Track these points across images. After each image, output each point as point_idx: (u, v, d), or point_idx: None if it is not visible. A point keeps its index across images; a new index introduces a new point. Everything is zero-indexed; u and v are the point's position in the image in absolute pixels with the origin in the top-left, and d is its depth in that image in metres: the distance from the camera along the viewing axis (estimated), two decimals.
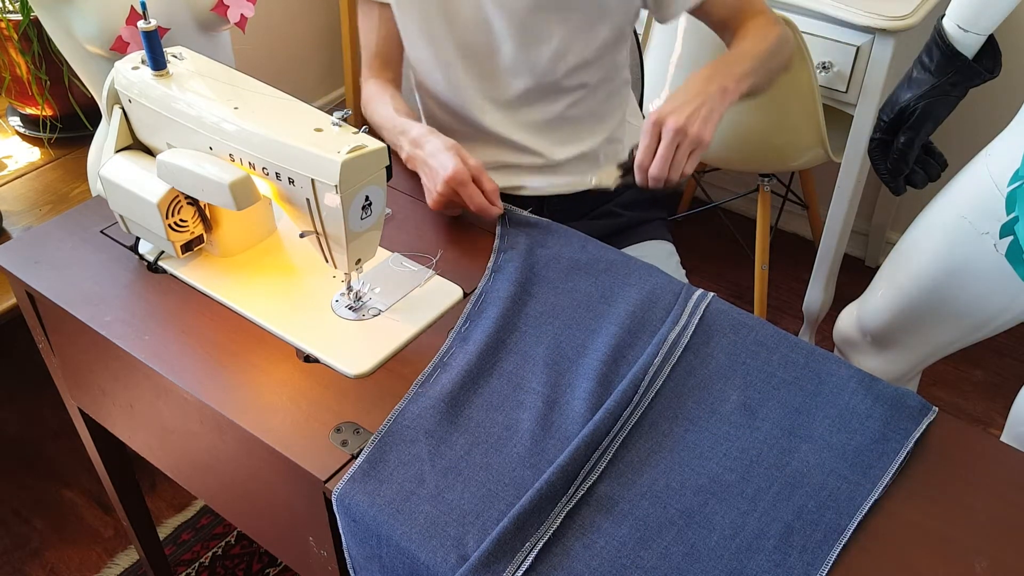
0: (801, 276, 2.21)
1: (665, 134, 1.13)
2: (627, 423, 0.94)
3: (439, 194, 1.16)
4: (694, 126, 1.12)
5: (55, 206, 1.84)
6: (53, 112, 1.94)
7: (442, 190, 1.16)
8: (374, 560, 0.89)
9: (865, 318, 1.38)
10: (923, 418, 0.94)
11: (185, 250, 1.11)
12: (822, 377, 0.99)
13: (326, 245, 1.02)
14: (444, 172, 1.15)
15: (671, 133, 1.12)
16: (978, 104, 1.71)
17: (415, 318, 1.06)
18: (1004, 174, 1.14)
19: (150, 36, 1.02)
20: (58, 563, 1.74)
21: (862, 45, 1.65)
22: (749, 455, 0.91)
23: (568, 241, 1.17)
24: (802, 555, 0.83)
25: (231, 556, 1.75)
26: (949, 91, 1.19)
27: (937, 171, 1.26)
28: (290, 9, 2.55)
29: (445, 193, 1.16)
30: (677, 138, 1.12)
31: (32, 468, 1.92)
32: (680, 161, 1.14)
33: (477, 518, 0.85)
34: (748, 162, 1.91)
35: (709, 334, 1.04)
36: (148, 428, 1.16)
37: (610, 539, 0.84)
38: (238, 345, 1.04)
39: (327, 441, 0.93)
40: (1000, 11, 1.14)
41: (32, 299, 1.17)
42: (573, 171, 1.40)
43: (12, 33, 1.78)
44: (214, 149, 1.01)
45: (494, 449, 0.92)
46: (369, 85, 1.38)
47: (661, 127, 1.13)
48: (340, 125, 0.96)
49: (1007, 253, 1.14)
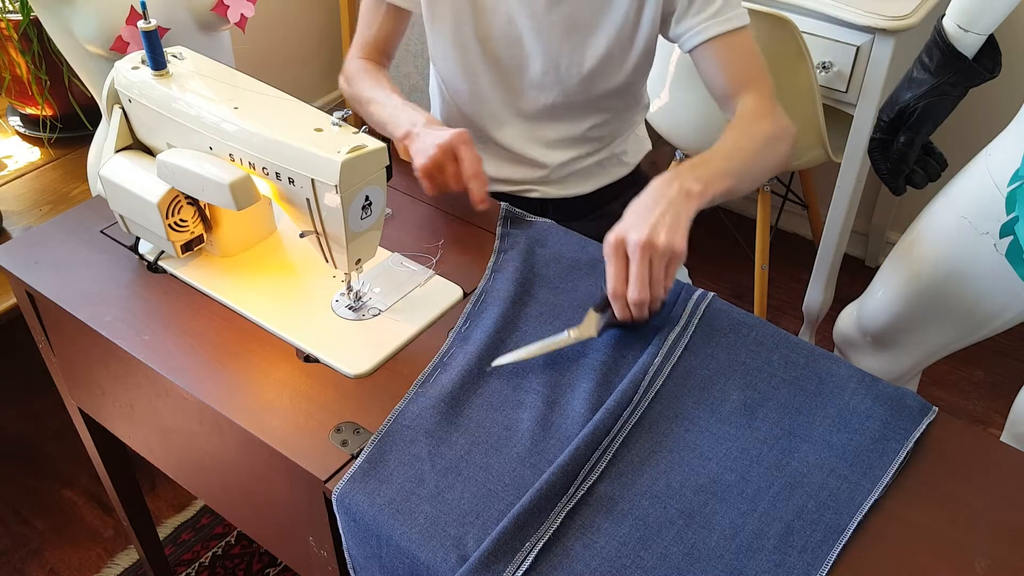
0: (801, 276, 2.21)
1: (632, 253, 0.98)
2: (627, 423, 0.94)
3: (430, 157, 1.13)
4: (661, 236, 0.97)
5: (55, 206, 1.84)
6: (53, 112, 1.94)
7: (433, 153, 1.12)
8: (374, 560, 0.89)
9: (865, 318, 1.38)
10: (923, 418, 0.94)
11: (185, 250, 1.11)
12: (822, 377, 0.99)
13: (326, 245, 1.02)
14: (445, 137, 1.13)
15: (638, 251, 0.97)
16: (978, 104, 1.71)
17: (415, 318, 1.06)
18: (1004, 174, 1.14)
19: (150, 36, 1.02)
20: (58, 563, 1.74)
21: (862, 45, 1.65)
22: (749, 455, 0.91)
23: (568, 241, 1.17)
24: (802, 555, 0.83)
25: (231, 556, 1.75)
26: (949, 91, 1.19)
27: (937, 171, 1.26)
28: (290, 9, 2.55)
29: (436, 157, 1.12)
30: (647, 254, 0.97)
31: (32, 468, 1.92)
32: (659, 278, 0.99)
33: (477, 518, 0.85)
34: None
35: (709, 334, 1.04)
36: (148, 428, 1.16)
37: (610, 539, 0.84)
38: (238, 345, 1.04)
39: (327, 441, 0.93)
40: (1000, 11, 1.14)
41: (32, 299, 1.17)
42: (574, 181, 1.41)
43: (12, 33, 1.78)
44: (214, 149, 1.01)
45: (494, 449, 0.92)
46: (358, 62, 1.35)
47: (625, 247, 0.99)
48: (340, 125, 0.96)
49: (1007, 253, 1.14)
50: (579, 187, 1.42)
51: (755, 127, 1.17)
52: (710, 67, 1.24)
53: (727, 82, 1.23)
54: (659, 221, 0.99)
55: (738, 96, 1.22)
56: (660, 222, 0.99)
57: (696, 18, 1.22)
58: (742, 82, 1.23)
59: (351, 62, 1.37)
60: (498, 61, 1.29)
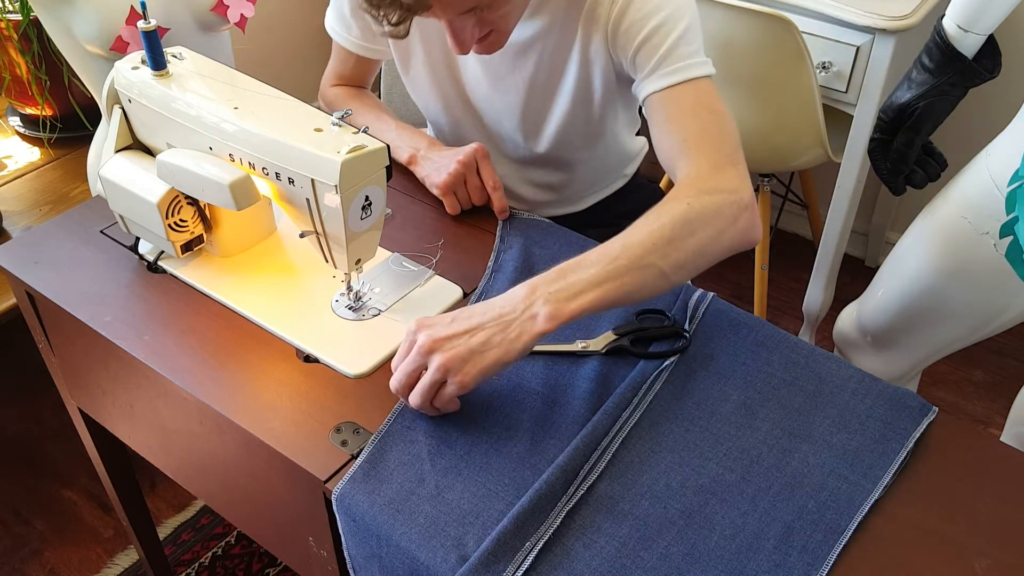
0: (801, 276, 2.21)
1: (413, 347, 0.88)
2: (627, 423, 0.94)
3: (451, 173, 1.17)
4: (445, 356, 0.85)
5: (55, 206, 1.84)
6: (53, 112, 1.94)
7: (455, 169, 1.17)
8: (374, 560, 0.89)
9: (865, 318, 1.38)
10: (923, 418, 0.94)
11: (185, 250, 1.11)
12: (822, 377, 0.99)
13: (326, 245, 1.02)
14: (464, 151, 1.17)
15: (417, 351, 0.87)
16: (978, 104, 1.71)
17: (415, 318, 1.06)
18: (1004, 174, 1.14)
19: (150, 36, 1.02)
20: (58, 563, 1.74)
21: (862, 45, 1.65)
22: (749, 455, 0.91)
23: (567, 241, 1.17)
24: (802, 555, 0.83)
25: (231, 556, 1.75)
26: (949, 91, 1.19)
27: (937, 171, 1.26)
28: (290, 9, 2.55)
29: (457, 171, 1.17)
30: (421, 360, 0.87)
31: (32, 468, 1.92)
32: (442, 396, 0.88)
33: (477, 518, 0.85)
34: (748, 162, 1.89)
35: (709, 334, 1.04)
36: (148, 428, 1.16)
37: (610, 539, 0.84)
38: (238, 345, 1.04)
39: (327, 441, 0.93)
40: (1000, 11, 1.14)
41: (32, 299, 1.17)
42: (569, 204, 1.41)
43: (12, 33, 1.78)
44: (214, 149, 1.01)
45: (494, 449, 0.92)
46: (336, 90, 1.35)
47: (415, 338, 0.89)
48: (340, 125, 0.96)
49: (1007, 253, 1.14)
50: (575, 206, 1.42)
51: (669, 210, 0.95)
52: (652, 130, 1.08)
53: (663, 147, 1.06)
54: (462, 340, 0.86)
55: (677, 164, 1.03)
56: (462, 342, 0.86)
57: (640, 76, 1.08)
58: (679, 147, 1.03)
59: (329, 90, 1.36)
60: (476, 113, 1.28)
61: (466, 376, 0.86)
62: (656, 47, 1.05)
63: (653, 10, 1.05)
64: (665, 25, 1.05)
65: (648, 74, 1.07)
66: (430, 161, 1.22)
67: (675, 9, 1.05)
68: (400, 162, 1.25)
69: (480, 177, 1.19)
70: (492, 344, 0.86)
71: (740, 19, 1.61)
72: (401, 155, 1.25)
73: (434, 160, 1.21)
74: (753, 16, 1.60)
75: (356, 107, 1.31)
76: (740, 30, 1.63)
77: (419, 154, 1.23)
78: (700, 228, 0.94)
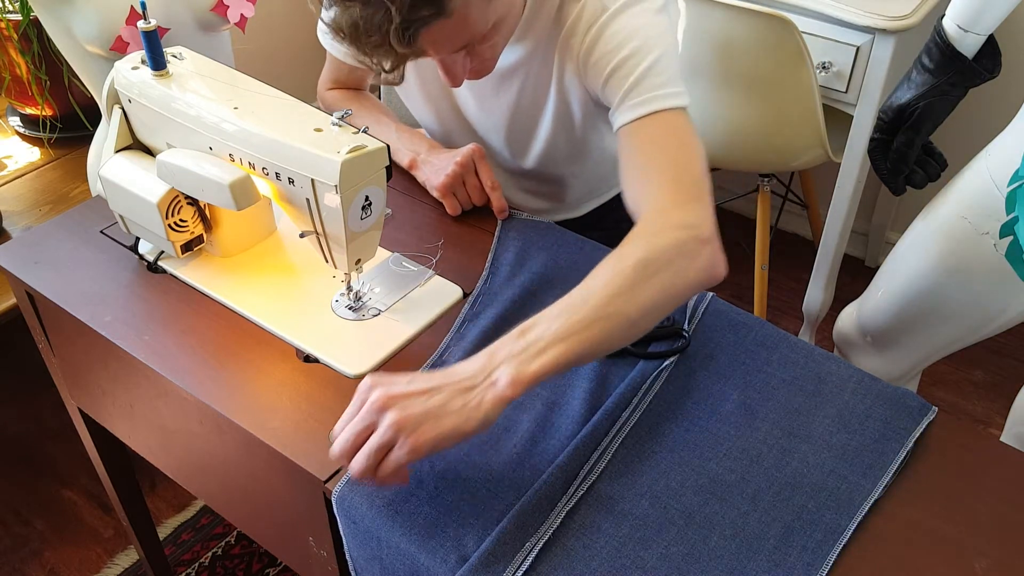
0: (801, 276, 2.21)
1: (364, 404, 0.81)
2: (627, 423, 0.94)
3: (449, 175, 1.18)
4: (399, 414, 0.78)
5: (55, 206, 1.84)
6: (53, 112, 1.94)
7: (452, 170, 1.17)
8: (375, 561, 0.89)
9: (865, 318, 1.38)
10: (923, 418, 0.94)
11: (185, 250, 1.11)
12: (822, 377, 0.99)
13: (326, 245, 1.02)
14: (462, 152, 1.18)
15: (368, 411, 0.80)
16: (978, 104, 1.71)
17: (415, 318, 1.06)
18: (1004, 174, 1.14)
19: (150, 36, 1.02)
20: (58, 563, 1.74)
21: (862, 45, 1.65)
22: (749, 455, 0.91)
23: (566, 242, 1.17)
24: (802, 555, 0.83)
25: (231, 556, 1.75)
26: (949, 91, 1.19)
27: (937, 171, 1.26)
28: (290, 9, 2.55)
29: (456, 172, 1.17)
30: (375, 418, 0.80)
31: (32, 468, 1.93)
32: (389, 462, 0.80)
33: (477, 518, 0.85)
34: (748, 162, 1.91)
35: (709, 334, 1.04)
36: (148, 428, 1.16)
37: (610, 539, 0.84)
38: (238, 345, 1.04)
39: (327, 441, 0.93)
40: (1000, 11, 1.14)
41: (32, 299, 1.17)
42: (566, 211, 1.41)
43: (12, 33, 1.78)
44: (214, 149, 1.01)
45: (493, 449, 0.92)
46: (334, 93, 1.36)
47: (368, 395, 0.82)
48: (340, 125, 0.96)
49: (1007, 253, 1.14)
50: (574, 212, 1.42)
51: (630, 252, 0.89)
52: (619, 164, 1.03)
53: (626, 182, 1.01)
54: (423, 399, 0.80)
55: (638, 200, 0.98)
56: (420, 400, 0.79)
57: (612, 108, 1.05)
58: (641, 182, 0.99)
59: (327, 93, 1.37)
60: (469, 125, 1.29)
61: (419, 439, 0.78)
62: (623, 79, 1.02)
63: (623, 41, 1.03)
64: (634, 57, 1.02)
65: (617, 106, 1.03)
66: (429, 164, 1.23)
67: (645, 40, 1.03)
68: (401, 166, 1.26)
69: (478, 177, 1.20)
70: (451, 409, 0.79)
71: (740, 19, 1.61)
72: (402, 159, 1.26)
73: (433, 163, 1.22)
74: (753, 16, 1.60)
75: (355, 108, 1.31)
76: (740, 30, 1.63)
77: (419, 158, 1.24)
78: (663, 268, 0.88)
